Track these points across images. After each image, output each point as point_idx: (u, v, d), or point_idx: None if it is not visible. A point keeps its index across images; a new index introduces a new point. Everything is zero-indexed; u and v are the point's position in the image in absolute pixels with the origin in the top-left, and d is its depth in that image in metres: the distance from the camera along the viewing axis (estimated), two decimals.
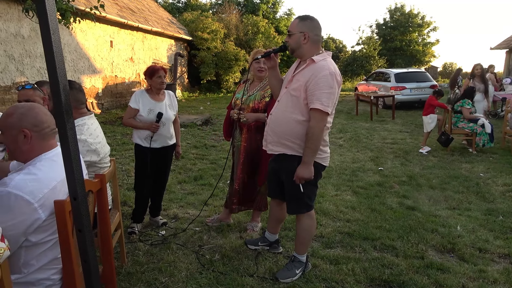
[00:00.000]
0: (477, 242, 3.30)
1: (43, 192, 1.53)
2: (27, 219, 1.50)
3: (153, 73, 3.35)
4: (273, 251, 3.10)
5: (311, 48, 2.53)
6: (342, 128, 9.52)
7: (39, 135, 1.63)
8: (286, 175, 2.62)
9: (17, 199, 1.47)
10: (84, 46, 10.49)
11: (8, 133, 1.64)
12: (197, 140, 7.67)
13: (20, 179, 1.52)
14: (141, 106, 3.33)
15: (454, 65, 37.18)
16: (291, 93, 2.53)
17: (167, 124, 3.41)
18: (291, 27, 2.54)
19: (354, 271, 2.79)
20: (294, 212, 2.73)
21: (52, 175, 1.60)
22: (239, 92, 3.44)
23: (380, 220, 3.74)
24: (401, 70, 14.74)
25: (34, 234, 1.55)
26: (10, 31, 7.96)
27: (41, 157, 1.63)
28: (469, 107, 6.81)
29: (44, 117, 1.66)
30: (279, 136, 2.59)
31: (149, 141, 3.35)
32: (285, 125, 2.55)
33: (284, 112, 2.56)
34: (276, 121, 2.61)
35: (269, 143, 2.67)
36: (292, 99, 2.52)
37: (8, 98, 7.93)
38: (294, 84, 2.53)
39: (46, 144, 1.66)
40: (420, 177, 5.30)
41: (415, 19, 28.72)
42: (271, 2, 25.80)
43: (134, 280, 2.66)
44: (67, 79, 0.95)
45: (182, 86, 17.37)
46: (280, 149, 2.61)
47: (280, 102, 2.63)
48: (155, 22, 14.97)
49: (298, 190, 2.57)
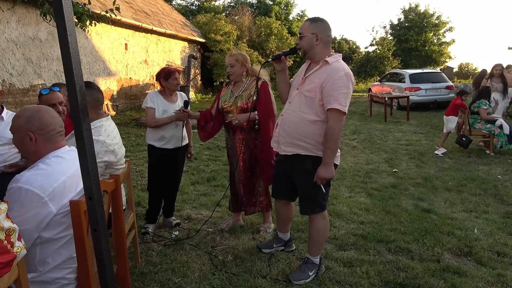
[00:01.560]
0: (495, 246, 3.22)
1: (52, 186, 1.57)
2: (39, 213, 1.54)
3: (169, 75, 3.39)
4: (288, 249, 3.11)
5: (323, 49, 2.54)
6: (356, 129, 9.44)
7: (44, 137, 1.67)
8: (300, 175, 2.62)
9: (27, 194, 1.52)
10: (99, 49, 10.65)
11: (16, 134, 1.70)
12: (210, 142, 7.70)
13: (30, 175, 1.57)
14: (156, 107, 3.38)
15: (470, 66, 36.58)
16: (304, 94, 2.54)
17: (179, 125, 3.44)
18: (303, 29, 2.55)
19: (369, 274, 2.76)
20: (307, 212, 2.71)
21: (61, 170, 1.64)
22: (224, 95, 3.42)
23: (394, 223, 3.69)
24: (416, 70, 14.54)
25: (47, 229, 1.58)
26: (28, 35, 8.14)
27: (49, 155, 1.68)
28: (486, 107, 6.67)
29: (50, 120, 1.69)
30: (292, 137, 2.59)
31: (162, 142, 3.39)
32: (298, 126, 2.55)
33: (298, 112, 2.57)
34: (289, 122, 2.61)
35: (282, 144, 2.66)
36: (306, 100, 2.53)
37: (26, 101, 8.10)
38: (308, 86, 2.54)
39: (53, 146, 1.70)
40: (435, 179, 5.21)
41: (431, 19, 28.32)
42: (284, 3, 25.77)
43: (148, 280, 2.68)
44: (83, 80, 0.96)
45: (195, 88, 17.48)
46: (294, 150, 2.61)
47: (292, 103, 2.63)
48: (169, 24, 15.11)
49: (313, 190, 2.57)
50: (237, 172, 3.40)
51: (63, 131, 1.74)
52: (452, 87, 13.26)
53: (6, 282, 1.35)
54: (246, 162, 3.36)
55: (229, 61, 3.33)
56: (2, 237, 1.28)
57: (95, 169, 1.07)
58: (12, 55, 7.75)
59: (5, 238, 1.29)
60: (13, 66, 7.80)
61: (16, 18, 7.78)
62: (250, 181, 3.41)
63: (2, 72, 7.49)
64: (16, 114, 1.72)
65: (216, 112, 3.46)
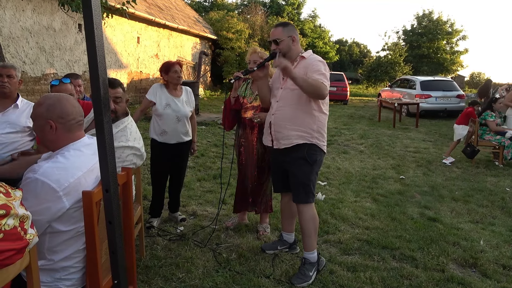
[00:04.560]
0: (501, 259, 3.20)
1: (68, 181, 1.57)
2: (52, 207, 1.55)
3: (169, 68, 3.37)
4: (292, 251, 3.12)
5: (297, 48, 2.83)
6: (364, 134, 9.40)
7: (64, 126, 1.67)
8: (295, 163, 2.77)
9: (43, 186, 1.53)
10: (112, 41, 10.72)
11: (36, 122, 1.70)
12: (217, 139, 7.73)
13: (48, 167, 1.57)
14: (158, 100, 3.36)
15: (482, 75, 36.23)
16: (291, 88, 2.72)
17: (182, 120, 3.43)
18: (278, 34, 2.75)
19: (372, 279, 2.75)
20: (302, 200, 2.80)
21: (79, 165, 1.64)
22: (242, 90, 3.40)
23: (400, 230, 3.68)
24: (427, 77, 14.45)
25: (58, 221, 1.60)
26: (43, 24, 8.21)
27: (69, 147, 1.68)
28: (492, 119, 6.62)
29: (70, 109, 1.70)
30: (289, 129, 2.74)
31: (164, 137, 3.40)
32: (292, 118, 2.73)
33: (289, 106, 2.74)
34: (283, 117, 2.76)
35: (281, 139, 2.78)
36: (293, 93, 2.72)
37: (37, 89, 8.18)
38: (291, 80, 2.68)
39: (72, 136, 1.71)
40: (442, 188, 5.18)
41: (444, 27, 28.10)
42: (297, 4, 25.72)
43: (152, 274, 2.70)
44: (106, 74, 0.97)
45: (205, 85, 17.52)
46: (292, 141, 2.74)
47: (281, 101, 2.79)
48: (181, 20, 15.16)
49: (307, 177, 2.75)
50: (249, 170, 3.39)
51: (82, 120, 1.75)
52: (463, 96, 13.16)
53: (18, 268, 1.37)
54: (259, 161, 3.35)
55: (253, 58, 3.27)
56: (16, 224, 1.30)
57: (114, 162, 1.08)
58: (26, 43, 7.83)
59: (19, 225, 1.31)
60: (27, 54, 7.88)
61: (31, 6, 7.85)
62: (259, 180, 3.40)
63: (15, 60, 7.57)
64: (38, 101, 1.73)
65: (229, 103, 3.42)
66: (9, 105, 2.88)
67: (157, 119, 3.41)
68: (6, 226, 1.24)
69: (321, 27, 28.85)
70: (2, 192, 1.29)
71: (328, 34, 29.00)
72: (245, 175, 3.43)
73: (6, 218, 1.24)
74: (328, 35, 28.68)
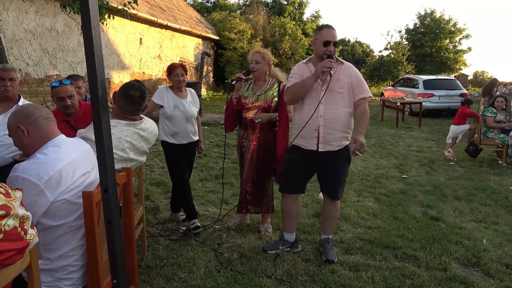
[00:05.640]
0: (504, 258, 3.18)
1: (48, 174, 1.59)
2: (37, 201, 1.57)
3: (171, 71, 3.40)
4: (294, 250, 3.12)
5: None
6: (367, 133, 9.32)
7: (33, 126, 1.71)
8: (340, 163, 2.96)
9: (24, 182, 1.56)
10: (114, 43, 10.75)
11: (10, 132, 1.77)
12: (219, 139, 7.73)
13: (27, 164, 1.62)
14: (165, 102, 3.37)
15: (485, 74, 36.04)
16: (339, 91, 2.86)
17: (190, 120, 3.45)
18: (335, 37, 2.85)
19: (374, 279, 2.74)
20: (339, 196, 3.07)
21: (58, 159, 1.67)
22: (243, 91, 3.39)
23: (402, 229, 3.67)
24: (430, 76, 14.39)
25: (45, 216, 1.62)
26: (46, 26, 8.24)
27: (46, 145, 1.72)
28: (490, 115, 6.60)
29: (33, 109, 1.75)
30: (341, 131, 2.89)
31: (176, 138, 3.41)
32: (343, 120, 2.89)
33: (339, 109, 2.87)
34: (335, 120, 2.87)
35: (332, 142, 2.89)
36: (342, 96, 2.87)
37: (40, 91, 8.21)
38: (337, 84, 2.87)
39: (45, 132, 1.73)
40: (445, 187, 5.16)
41: (447, 25, 27.97)
42: (297, 3, 25.65)
43: (154, 274, 2.71)
44: (104, 74, 0.98)
45: (207, 85, 17.54)
46: (343, 142, 2.92)
47: (328, 103, 2.86)
48: (183, 21, 15.19)
49: (345, 174, 3.02)
50: (248, 170, 3.39)
51: (51, 117, 1.78)
52: (466, 95, 13.09)
53: (18, 268, 1.38)
54: (260, 161, 3.35)
55: (254, 58, 3.28)
56: (17, 224, 1.31)
57: (112, 162, 1.08)
58: (29, 45, 7.86)
59: (19, 225, 1.32)
60: (30, 56, 7.92)
61: (34, 8, 7.89)
62: (260, 181, 3.39)
63: (18, 62, 7.60)
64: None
65: (230, 104, 3.44)
66: (11, 106, 2.89)
67: (166, 121, 3.42)
68: (6, 227, 1.25)
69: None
70: (2, 192, 1.30)
71: None
72: (246, 176, 3.42)
73: (6, 219, 1.25)
74: None
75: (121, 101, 2.44)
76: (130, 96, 2.43)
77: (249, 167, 3.37)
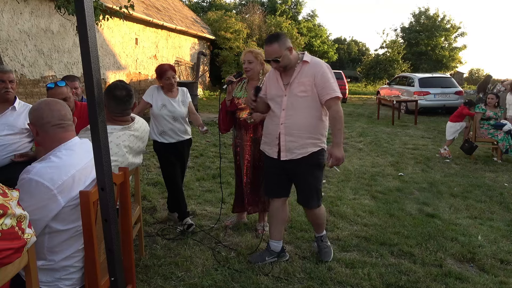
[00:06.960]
0: (498, 253, 3.22)
1: (62, 179, 1.60)
2: (48, 205, 1.57)
3: (162, 75, 3.42)
4: (281, 260, 2.96)
5: (295, 55, 2.74)
6: (363, 131, 9.41)
7: (42, 130, 1.71)
8: (308, 169, 2.78)
9: (37, 185, 1.55)
10: (110, 43, 10.72)
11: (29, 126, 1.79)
12: (216, 139, 7.74)
13: (41, 167, 1.60)
14: (154, 101, 3.41)
15: (481, 71, 36.19)
16: (299, 95, 2.68)
17: (178, 119, 3.46)
18: (276, 52, 2.64)
19: (370, 275, 2.77)
20: (315, 205, 2.88)
21: (71, 163, 1.67)
22: (237, 91, 3.40)
23: (398, 226, 3.70)
24: (425, 74, 14.46)
25: (55, 220, 1.62)
26: (41, 27, 8.22)
27: (60, 147, 1.71)
28: (479, 111, 6.68)
29: (46, 112, 1.72)
30: (305, 138, 2.71)
31: (164, 137, 3.43)
32: (306, 125, 2.70)
33: (300, 114, 2.70)
34: (296, 125, 2.70)
35: (295, 149, 2.73)
36: (303, 100, 2.69)
37: (36, 92, 8.19)
38: (299, 87, 2.69)
39: (55, 138, 1.72)
40: (441, 184, 5.20)
41: (442, 23, 28.10)
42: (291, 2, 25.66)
43: (151, 273, 2.72)
44: (100, 74, 0.99)
45: (204, 85, 17.53)
46: (307, 149, 2.73)
47: (289, 109, 2.71)
48: (179, 20, 15.17)
49: (317, 182, 2.82)
50: (245, 171, 3.40)
51: (62, 123, 1.74)
52: (462, 93, 13.17)
53: (16, 267, 1.39)
54: (255, 161, 3.35)
55: (247, 57, 3.26)
56: (14, 223, 1.32)
57: (108, 161, 1.09)
58: (24, 46, 7.84)
59: (16, 224, 1.33)
60: (25, 57, 7.89)
61: (29, 9, 7.86)
62: (256, 181, 3.40)
63: (14, 63, 7.58)
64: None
65: (224, 105, 3.45)
66: (7, 107, 2.90)
67: (154, 120, 3.46)
68: (4, 226, 1.26)
69: (319, 26, 28.84)
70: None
71: (326, 33, 28.99)
72: (241, 175, 3.45)
73: (4, 218, 1.26)
74: (325, 34, 28.66)
75: (110, 103, 2.42)
76: (117, 97, 2.42)
77: (244, 167, 3.39)
